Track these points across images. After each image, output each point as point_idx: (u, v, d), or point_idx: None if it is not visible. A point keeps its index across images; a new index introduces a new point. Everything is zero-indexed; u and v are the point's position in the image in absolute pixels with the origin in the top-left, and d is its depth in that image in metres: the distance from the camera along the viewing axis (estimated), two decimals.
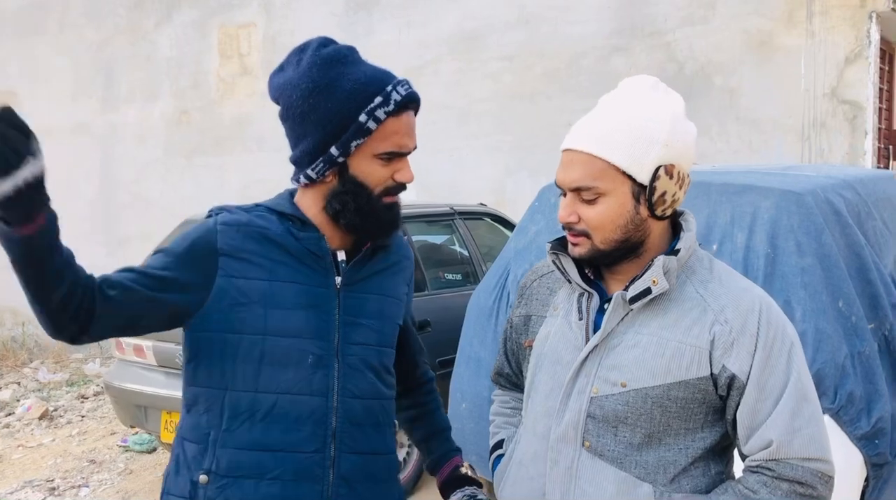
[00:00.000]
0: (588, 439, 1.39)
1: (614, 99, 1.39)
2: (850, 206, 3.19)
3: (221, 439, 1.48)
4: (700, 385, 1.35)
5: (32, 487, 4.63)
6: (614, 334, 1.40)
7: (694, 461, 1.38)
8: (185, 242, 1.51)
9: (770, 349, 1.34)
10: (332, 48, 1.52)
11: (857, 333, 2.91)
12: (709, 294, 1.38)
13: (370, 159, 1.49)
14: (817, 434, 1.34)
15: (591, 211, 1.36)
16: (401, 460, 4.34)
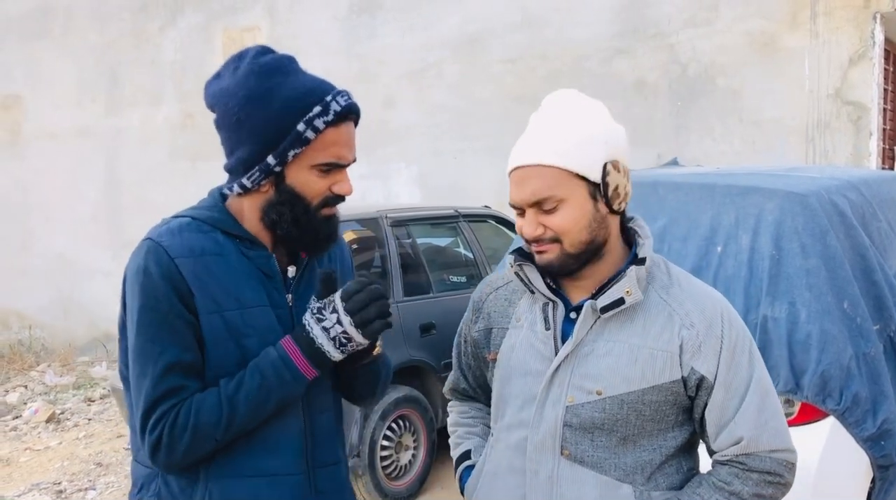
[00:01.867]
0: (566, 447, 1.43)
1: (545, 114, 1.45)
2: (854, 207, 3.19)
3: (216, 468, 1.46)
4: (672, 388, 1.40)
5: (40, 490, 4.65)
6: (584, 343, 1.43)
7: (667, 460, 1.44)
8: (158, 295, 1.41)
9: (733, 349, 1.41)
10: (271, 57, 1.49)
11: (862, 334, 2.91)
12: (672, 299, 1.43)
13: (307, 170, 1.46)
14: (781, 426, 1.43)
15: (554, 219, 1.39)
16: (406, 462, 4.35)
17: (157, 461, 1.43)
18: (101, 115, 9.36)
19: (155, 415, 1.40)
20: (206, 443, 1.41)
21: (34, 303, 9.68)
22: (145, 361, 1.41)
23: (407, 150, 7.70)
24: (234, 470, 1.46)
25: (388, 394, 4.19)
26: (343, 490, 1.64)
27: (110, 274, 9.08)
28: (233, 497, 1.45)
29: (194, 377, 1.43)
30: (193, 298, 1.42)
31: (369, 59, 7.90)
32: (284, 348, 1.45)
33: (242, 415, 1.42)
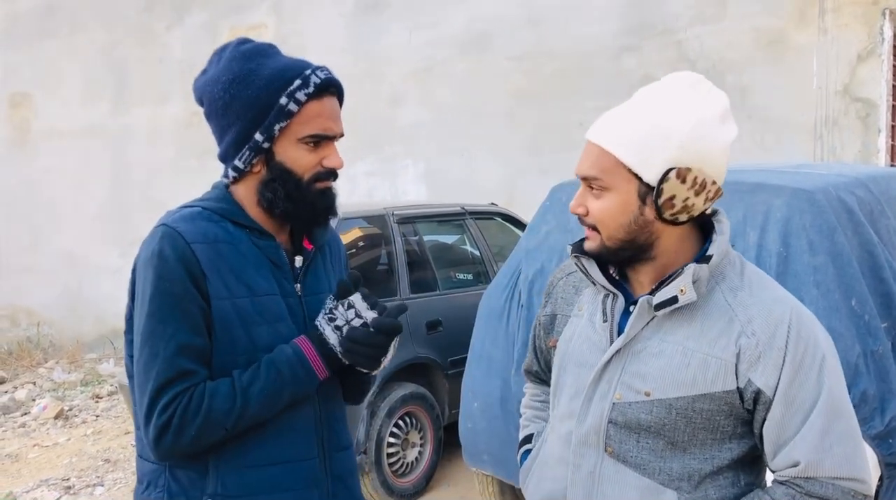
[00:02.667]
0: (610, 444, 1.38)
1: (648, 93, 1.36)
2: (862, 204, 3.17)
3: (226, 459, 1.46)
4: (726, 398, 1.31)
5: (48, 485, 4.67)
6: (638, 340, 1.37)
7: (720, 471, 1.35)
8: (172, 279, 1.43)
9: (799, 364, 1.29)
10: (251, 45, 1.54)
11: (870, 331, 2.89)
12: (737, 303, 1.33)
13: (295, 144, 1.49)
14: (851, 453, 1.29)
15: (596, 204, 1.34)
16: (412, 459, 4.35)
17: (160, 446, 1.42)
18: (108, 113, 9.40)
19: (166, 397, 1.40)
20: (216, 431, 1.42)
21: (42, 300, 9.72)
22: (156, 342, 1.41)
23: (414, 147, 7.71)
24: (248, 460, 1.47)
25: (395, 391, 4.20)
26: (354, 474, 1.67)
27: (118, 271, 9.11)
28: (248, 485, 1.46)
29: (203, 363, 1.44)
30: (207, 282, 1.44)
31: (376, 57, 7.90)
32: (301, 347, 1.47)
33: (254, 408, 1.43)
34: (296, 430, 1.51)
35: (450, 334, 4.39)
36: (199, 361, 1.43)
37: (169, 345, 1.41)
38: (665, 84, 1.34)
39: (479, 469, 3.70)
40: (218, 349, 1.45)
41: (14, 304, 10.00)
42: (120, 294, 7.81)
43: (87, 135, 9.49)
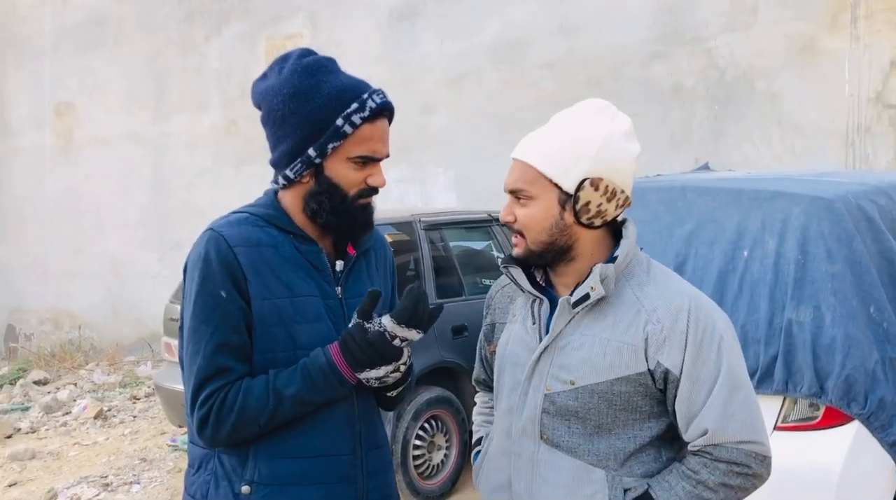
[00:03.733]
0: (545, 432, 1.53)
1: (562, 117, 1.54)
2: (883, 212, 3.19)
3: (264, 450, 1.56)
4: (640, 380, 1.47)
5: (88, 483, 4.86)
6: (562, 336, 1.53)
7: (643, 448, 1.51)
8: (214, 280, 1.53)
9: (699, 345, 1.45)
10: (313, 58, 1.61)
11: (888, 339, 2.92)
12: (644, 296, 1.50)
13: (344, 162, 1.58)
14: (750, 419, 1.46)
15: (522, 211, 1.52)
16: (438, 461, 4.44)
17: (203, 437, 1.54)
18: (149, 121, 9.66)
19: (205, 392, 1.51)
20: (251, 427, 1.52)
21: (85, 304, 10.02)
22: (198, 340, 1.53)
23: (444, 154, 7.81)
24: (281, 451, 1.56)
25: (421, 394, 4.29)
26: (389, 471, 1.75)
27: (158, 276, 9.36)
28: (280, 476, 1.56)
29: (242, 360, 1.54)
30: (248, 284, 1.54)
31: (409, 65, 8.03)
32: (332, 355, 1.55)
33: (286, 409, 1.53)
34: (332, 426, 1.60)
35: (475, 339, 4.44)
36: (238, 358, 1.54)
37: (209, 343, 1.52)
38: (577, 109, 1.53)
39: None
40: (258, 346, 1.56)
41: (57, 307, 10.32)
42: (159, 298, 8.09)
43: (129, 142, 9.77)
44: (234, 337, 1.53)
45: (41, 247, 10.44)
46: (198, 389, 1.52)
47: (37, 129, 10.51)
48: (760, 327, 2.98)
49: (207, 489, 1.59)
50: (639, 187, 3.62)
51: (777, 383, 2.91)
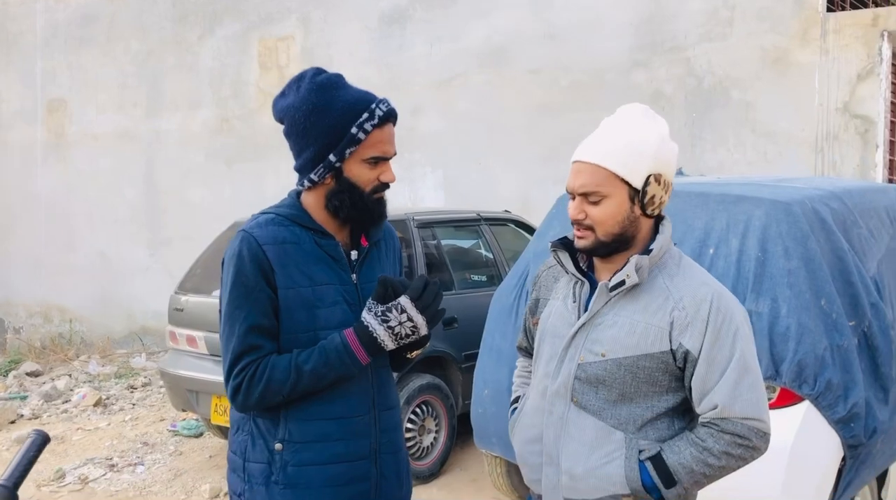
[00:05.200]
0: (575, 395, 1.81)
1: (614, 122, 1.80)
2: (836, 215, 3.57)
3: (293, 413, 1.89)
4: (662, 358, 1.74)
5: (94, 464, 5.16)
6: (598, 315, 1.80)
7: (659, 416, 1.78)
8: (247, 273, 1.85)
9: (718, 332, 1.71)
10: (325, 76, 1.91)
11: (836, 328, 3.29)
12: (673, 286, 1.77)
13: (360, 164, 1.88)
14: (755, 400, 1.73)
15: (595, 210, 1.75)
16: (428, 444, 4.79)
17: (235, 403, 1.88)
18: (141, 118, 9.90)
19: (239, 366, 1.85)
20: (275, 396, 1.85)
21: (75, 298, 10.25)
22: (233, 323, 1.86)
23: (433, 156, 8.15)
24: (308, 414, 1.89)
25: (413, 381, 4.64)
26: (399, 429, 2.08)
27: (148, 271, 9.64)
28: (307, 434, 1.89)
29: (270, 339, 1.87)
30: (274, 275, 1.86)
31: (399, 68, 8.36)
32: (347, 338, 1.87)
33: (305, 382, 1.86)
34: (351, 392, 1.93)
35: (464, 331, 4.83)
36: (266, 337, 1.87)
37: (242, 325, 1.85)
38: (625, 114, 1.80)
39: (488, 451, 4.12)
40: (284, 328, 1.88)
41: (47, 301, 10.54)
42: (150, 293, 8.45)
43: (121, 139, 10.01)
44: (264, 320, 1.86)
45: (32, 241, 10.65)
46: (232, 363, 1.86)
47: (28, 124, 10.72)
48: None
49: (246, 447, 1.94)
50: None
51: None
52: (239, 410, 1.93)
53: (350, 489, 1.92)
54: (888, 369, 3.41)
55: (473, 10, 7.97)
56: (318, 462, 1.89)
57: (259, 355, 1.85)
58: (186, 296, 5.07)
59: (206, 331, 4.80)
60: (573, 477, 1.80)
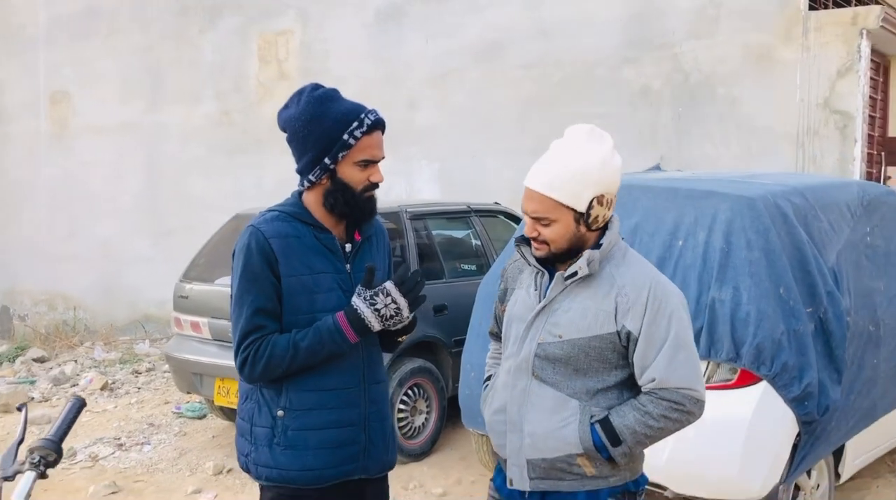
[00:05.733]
0: (536, 371, 2.10)
1: (561, 146, 2.04)
2: (797, 210, 3.87)
3: (293, 384, 2.20)
4: (609, 338, 2.02)
5: (103, 443, 5.48)
6: (555, 301, 2.08)
7: (608, 388, 2.06)
8: (254, 263, 2.15)
9: (655, 314, 1.99)
10: (321, 91, 2.21)
11: (793, 314, 3.60)
12: (618, 274, 2.04)
13: (351, 166, 2.17)
14: (689, 372, 2.02)
15: (547, 231, 2.03)
16: (420, 424, 5.11)
17: (243, 374, 2.20)
18: (143, 111, 10.18)
19: (245, 342, 2.16)
20: (276, 369, 2.16)
21: (79, 286, 10.55)
22: (241, 305, 2.17)
23: (429, 149, 8.43)
24: (306, 385, 2.20)
25: (405, 365, 4.96)
26: (385, 401, 2.39)
27: (151, 260, 9.93)
28: (305, 403, 2.19)
29: (273, 320, 2.18)
30: (278, 265, 2.16)
31: (395, 63, 8.64)
32: (338, 320, 2.17)
33: (301, 358, 2.16)
34: (343, 367, 2.23)
35: (454, 317, 5.13)
36: (270, 318, 2.17)
37: (249, 308, 2.16)
38: (571, 137, 2.07)
39: (475, 430, 4.44)
40: (286, 310, 2.19)
41: (52, 289, 10.85)
42: (153, 282, 8.79)
43: (123, 131, 10.29)
44: (268, 304, 2.17)
45: (36, 231, 10.95)
46: (240, 340, 2.17)
47: (32, 116, 10.99)
48: (690, 304, 3.57)
49: (253, 413, 2.25)
50: None
51: (702, 350, 3.55)
52: (246, 381, 2.24)
53: (342, 452, 2.23)
54: (842, 352, 3.72)
55: (468, 6, 8.25)
56: (314, 427, 2.20)
57: (263, 333, 2.16)
58: (191, 284, 5.38)
59: (210, 317, 5.11)
60: (534, 440, 2.10)
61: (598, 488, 2.09)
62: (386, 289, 2.20)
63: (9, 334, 11.01)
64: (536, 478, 2.11)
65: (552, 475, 2.09)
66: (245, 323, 2.16)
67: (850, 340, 3.80)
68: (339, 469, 2.22)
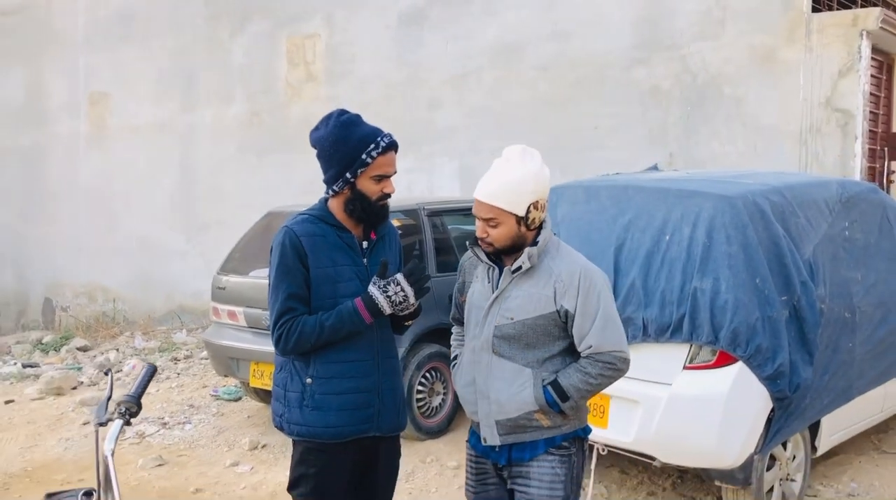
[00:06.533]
0: (495, 348, 2.61)
1: (501, 164, 2.54)
2: (775, 207, 4.29)
3: (319, 357, 2.72)
4: (551, 316, 2.54)
5: (148, 422, 6.08)
6: (506, 291, 2.58)
7: (553, 356, 2.58)
8: (287, 257, 2.68)
9: (586, 294, 2.52)
10: (346, 117, 2.71)
11: (768, 302, 4.03)
12: (554, 265, 2.56)
13: (368, 180, 2.68)
14: (617, 338, 2.55)
15: (494, 231, 2.54)
16: (437, 404, 5.63)
17: (277, 348, 2.72)
18: (177, 111, 10.80)
19: (280, 321, 2.68)
20: (305, 344, 2.67)
21: (118, 279, 11.23)
22: (277, 291, 2.70)
23: (449, 147, 8.93)
24: (330, 358, 2.71)
25: (423, 350, 5.47)
26: (397, 374, 2.90)
27: (185, 254, 10.56)
28: (329, 372, 2.71)
29: (303, 304, 2.69)
30: (308, 259, 2.68)
31: (417, 65, 9.14)
32: (356, 304, 2.69)
33: (326, 335, 2.67)
34: (360, 344, 2.75)
35: None
36: (300, 303, 2.69)
37: (283, 293, 2.68)
38: (508, 156, 2.57)
39: None
40: (313, 296, 2.70)
41: (92, 282, 11.55)
42: (188, 275, 9.50)
43: (158, 131, 10.93)
44: (299, 291, 2.69)
45: (76, 226, 11.65)
46: (276, 320, 2.69)
47: (72, 117, 11.68)
48: (675, 292, 4.10)
49: (286, 381, 2.78)
50: (594, 186, 4.82)
51: (685, 334, 4.02)
52: (280, 354, 2.76)
53: (359, 413, 2.75)
54: (814, 336, 4.15)
55: (486, 10, 8.72)
56: (336, 392, 2.72)
57: (294, 314, 2.68)
58: (227, 276, 5.94)
59: (245, 306, 5.67)
60: (500, 404, 2.62)
61: (553, 435, 2.62)
62: (396, 280, 2.72)
63: (52, 325, 11.74)
64: (504, 434, 2.63)
65: (516, 431, 2.62)
66: (280, 306, 2.68)
67: (823, 325, 4.23)
68: (356, 427, 2.74)
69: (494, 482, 2.72)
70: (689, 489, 4.73)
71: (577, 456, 2.66)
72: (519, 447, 2.63)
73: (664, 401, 4.04)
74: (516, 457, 2.64)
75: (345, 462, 2.75)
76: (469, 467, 2.81)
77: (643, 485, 4.79)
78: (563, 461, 2.62)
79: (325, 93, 9.56)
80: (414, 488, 4.84)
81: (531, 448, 2.62)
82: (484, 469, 2.74)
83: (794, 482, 4.39)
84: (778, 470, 4.28)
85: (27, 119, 12.09)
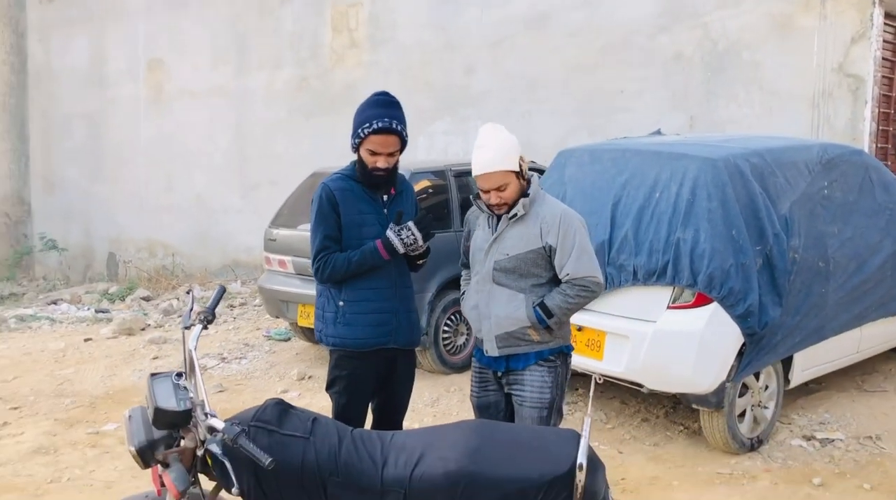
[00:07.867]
0: (495, 278, 3.37)
1: (485, 139, 3.21)
2: (754, 168, 4.96)
3: (349, 285, 3.53)
4: (539, 251, 3.24)
5: (209, 357, 7.04)
6: (503, 234, 3.33)
7: (542, 284, 3.31)
8: (324, 206, 3.48)
9: (565, 232, 3.20)
10: (375, 98, 3.42)
11: (741, 251, 4.72)
12: (541, 211, 3.25)
13: (365, 151, 3.38)
14: (590, 266, 3.23)
15: (505, 194, 3.22)
16: (461, 343, 6.47)
17: (316, 277, 3.55)
18: (231, 77, 11.68)
19: (318, 257, 3.51)
20: (338, 274, 3.48)
21: (176, 235, 12.28)
22: (316, 233, 3.53)
23: (483, 110, 9.62)
24: (357, 286, 3.51)
25: (448, 295, 6.29)
26: (411, 299, 3.70)
27: (240, 211, 11.52)
28: (357, 296, 3.51)
29: (335, 243, 3.50)
30: (339, 208, 3.49)
31: (454, 32, 9.84)
32: (377, 244, 3.49)
33: (353, 268, 3.48)
34: (381, 275, 3.54)
35: None
36: (334, 242, 3.50)
37: (320, 235, 3.50)
38: (487, 131, 3.28)
39: None
40: (344, 238, 3.50)
41: (152, 238, 12.62)
42: (242, 230, 10.58)
43: (213, 95, 11.84)
44: (333, 233, 3.50)
45: (137, 185, 12.71)
46: (315, 256, 3.52)
47: (132, 81, 12.67)
48: (661, 242, 4.81)
49: (324, 304, 3.61)
50: (598, 149, 5.55)
51: (668, 277, 4.75)
52: (319, 282, 3.60)
53: (380, 328, 3.57)
54: (784, 281, 4.84)
55: None
56: (363, 312, 3.55)
57: (329, 252, 3.51)
58: (278, 229, 6.83)
59: (294, 256, 6.55)
60: (498, 321, 3.39)
61: (542, 349, 3.38)
62: (409, 226, 3.52)
63: (116, 278, 12.88)
64: (502, 346, 3.41)
65: (512, 343, 3.39)
66: (318, 244, 3.52)
67: (796, 272, 4.91)
68: (379, 340, 3.57)
69: (494, 388, 3.49)
70: (680, 416, 5.48)
71: (561, 368, 3.40)
72: (514, 359, 3.38)
73: (650, 336, 4.74)
74: (513, 366, 3.39)
75: (370, 367, 3.58)
76: (474, 376, 3.58)
77: (639, 413, 5.57)
78: (550, 371, 3.37)
79: (367, 59, 10.34)
80: (438, 412, 5.69)
81: (524, 359, 3.36)
82: (486, 378, 3.51)
83: (766, 409, 5.11)
84: (750, 397, 5.01)
85: (91, 85, 13.13)
